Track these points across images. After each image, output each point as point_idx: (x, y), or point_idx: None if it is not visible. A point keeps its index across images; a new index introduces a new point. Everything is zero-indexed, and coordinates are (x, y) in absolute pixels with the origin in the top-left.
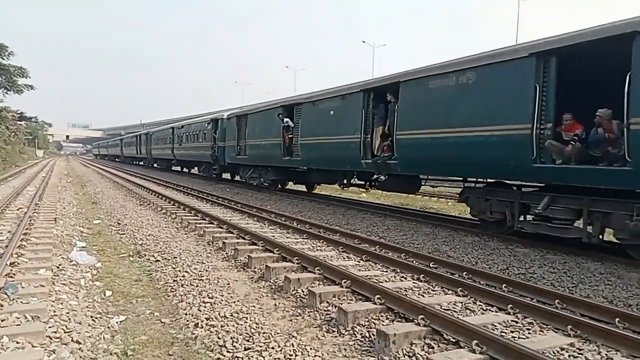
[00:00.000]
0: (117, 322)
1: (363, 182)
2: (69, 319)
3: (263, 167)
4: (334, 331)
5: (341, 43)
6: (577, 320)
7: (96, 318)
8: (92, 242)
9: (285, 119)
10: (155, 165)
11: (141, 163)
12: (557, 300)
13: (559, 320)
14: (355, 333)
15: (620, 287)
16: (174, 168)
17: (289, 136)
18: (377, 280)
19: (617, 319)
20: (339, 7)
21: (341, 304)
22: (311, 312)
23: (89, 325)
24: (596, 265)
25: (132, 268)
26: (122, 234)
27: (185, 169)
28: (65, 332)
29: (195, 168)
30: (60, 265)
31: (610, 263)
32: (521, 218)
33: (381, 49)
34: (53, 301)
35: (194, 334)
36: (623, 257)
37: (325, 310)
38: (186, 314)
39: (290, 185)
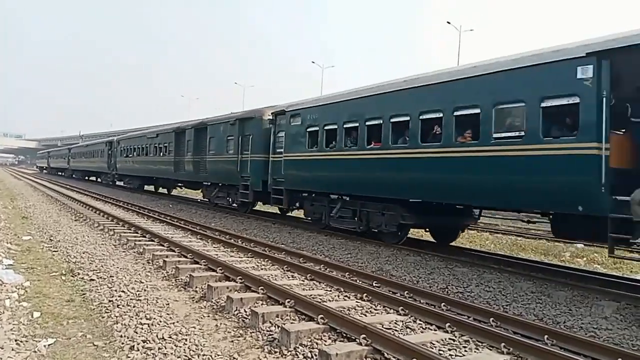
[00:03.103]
0: (44, 346)
1: None
2: None
3: None
4: (276, 352)
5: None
6: (510, 338)
7: (21, 342)
8: (20, 260)
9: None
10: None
11: (182, 187)
12: (492, 319)
13: (493, 338)
14: (298, 353)
15: (550, 305)
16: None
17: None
18: (320, 299)
19: (546, 336)
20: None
21: (284, 324)
22: (253, 332)
23: (13, 349)
24: (528, 284)
25: (64, 287)
26: (55, 251)
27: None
28: None
29: None
30: None
31: (541, 282)
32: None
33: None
34: None
35: (129, 357)
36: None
37: (268, 331)
38: (121, 336)
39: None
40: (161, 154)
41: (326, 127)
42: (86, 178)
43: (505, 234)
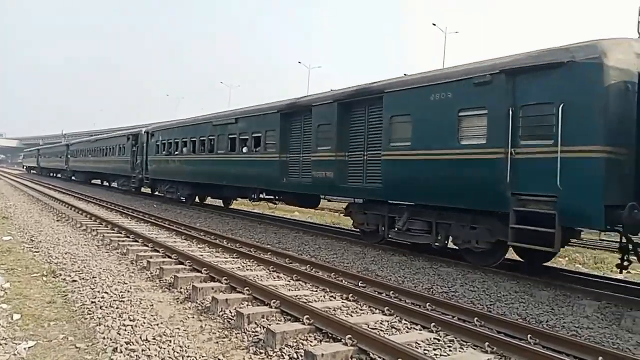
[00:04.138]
0: (24, 349)
1: None
2: None
3: None
4: (261, 353)
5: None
6: (494, 337)
7: (0, 344)
8: (0, 261)
9: None
10: None
11: None
12: (476, 318)
13: (477, 337)
14: (283, 354)
15: (533, 304)
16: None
17: None
18: (306, 300)
19: (529, 335)
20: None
21: (270, 324)
22: (239, 333)
23: None
24: (512, 284)
25: (45, 289)
26: (36, 251)
27: None
28: None
29: None
30: None
31: (524, 282)
32: None
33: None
34: None
35: (111, 359)
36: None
37: (253, 332)
38: (104, 338)
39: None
40: (243, 148)
41: None
42: (89, 181)
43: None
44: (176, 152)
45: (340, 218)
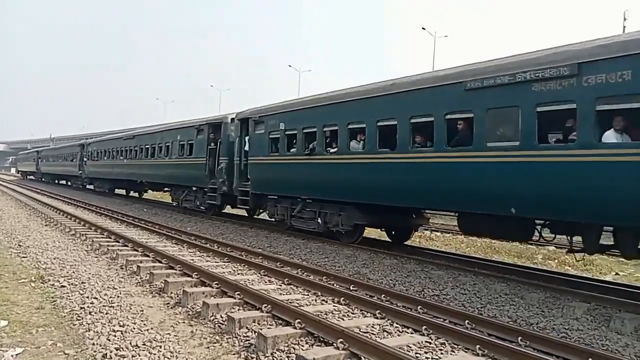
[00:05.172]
0: (12, 356)
1: None
2: None
3: None
4: (252, 357)
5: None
6: (485, 340)
7: None
8: None
9: None
10: None
11: None
12: (467, 321)
13: (468, 340)
14: (275, 359)
15: (523, 307)
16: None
17: None
18: (298, 304)
19: (519, 337)
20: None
21: (261, 329)
22: (230, 338)
23: None
24: (502, 286)
25: (33, 295)
26: (24, 257)
27: None
28: None
29: None
30: None
31: (515, 284)
32: None
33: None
34: None
35: None
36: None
37: (244, 336)
38: (93, 344)
39: None
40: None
41: None
42: (108, 191)
43: (480, 237)
44: (332, 150)
45: None
